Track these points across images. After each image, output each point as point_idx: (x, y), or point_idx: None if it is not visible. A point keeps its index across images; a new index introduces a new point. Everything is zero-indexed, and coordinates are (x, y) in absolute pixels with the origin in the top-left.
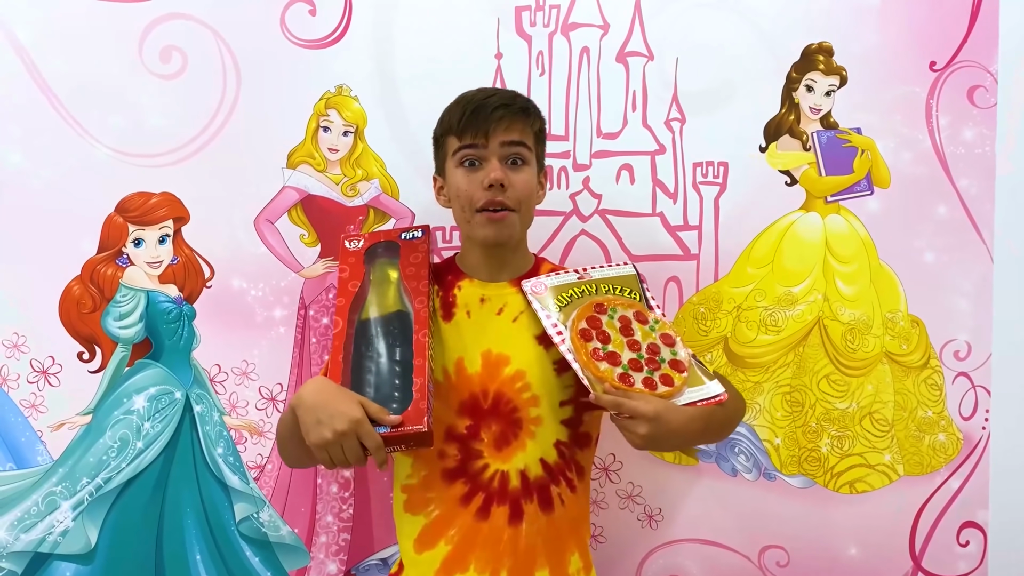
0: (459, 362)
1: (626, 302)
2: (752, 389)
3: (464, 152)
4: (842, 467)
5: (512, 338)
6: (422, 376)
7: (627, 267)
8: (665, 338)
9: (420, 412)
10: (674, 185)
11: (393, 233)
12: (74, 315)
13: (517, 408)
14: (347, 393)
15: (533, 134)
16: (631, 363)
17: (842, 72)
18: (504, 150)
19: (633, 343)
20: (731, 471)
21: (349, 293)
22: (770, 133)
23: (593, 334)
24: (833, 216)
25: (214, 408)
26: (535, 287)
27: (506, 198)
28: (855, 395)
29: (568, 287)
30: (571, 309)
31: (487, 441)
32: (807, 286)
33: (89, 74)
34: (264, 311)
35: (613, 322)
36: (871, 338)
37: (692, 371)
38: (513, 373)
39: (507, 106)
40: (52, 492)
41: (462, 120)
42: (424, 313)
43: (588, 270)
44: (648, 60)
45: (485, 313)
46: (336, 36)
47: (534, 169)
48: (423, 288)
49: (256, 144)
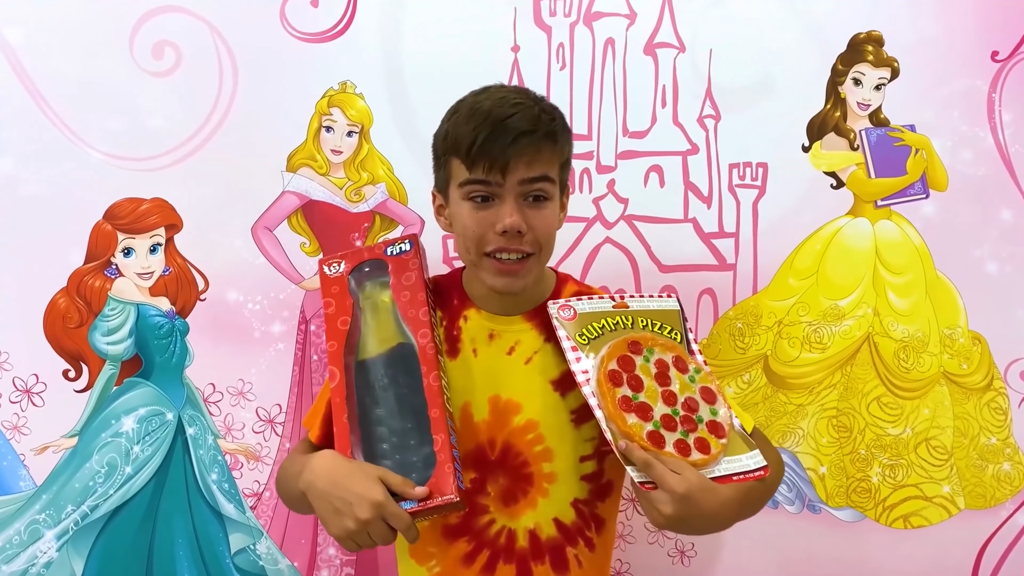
0: (465, 408)
1: (666, 343)
2: (795, 412)
3: (473, 188)
4: (895, 499)
5: (524, 383)
6: (443, 431)
7: (670, 301)
8: (705, 393)
9: (447, 478)
10: (708, 188)
11: (377, 249)
12: (59, 330)
13: (527, 462)
14: (362, 469)
15: (560, 158)
16: (664, 420)
17: (893, 63)
18: (524, 188)
19: (669, 395)
20: (771, 503)
21: (340, 333)
22: (814, 131)
23: (624, 378)
24: (884, 222)
25: (208, 431)
26: (563, 311)
27: (523, 244)
28: (909, 420)
29: (601, 316)
30: (602, 343)
31: (494, 495)
32: (855, 299)
33: (76, 72)
34: (262, 326)
35: (648, 366)
36: (927, 356)
37: (732, 437)
38: (524, 423)
39: (531, 133)
40: (35, 520)
41: (474, 147)
42: (431, 350)
43: (627, 297)
44: (679, 52)
45: (494, 352)
46: (340, 29)
47: (557, 201)
48: (424, 317)
49: (254, 146)
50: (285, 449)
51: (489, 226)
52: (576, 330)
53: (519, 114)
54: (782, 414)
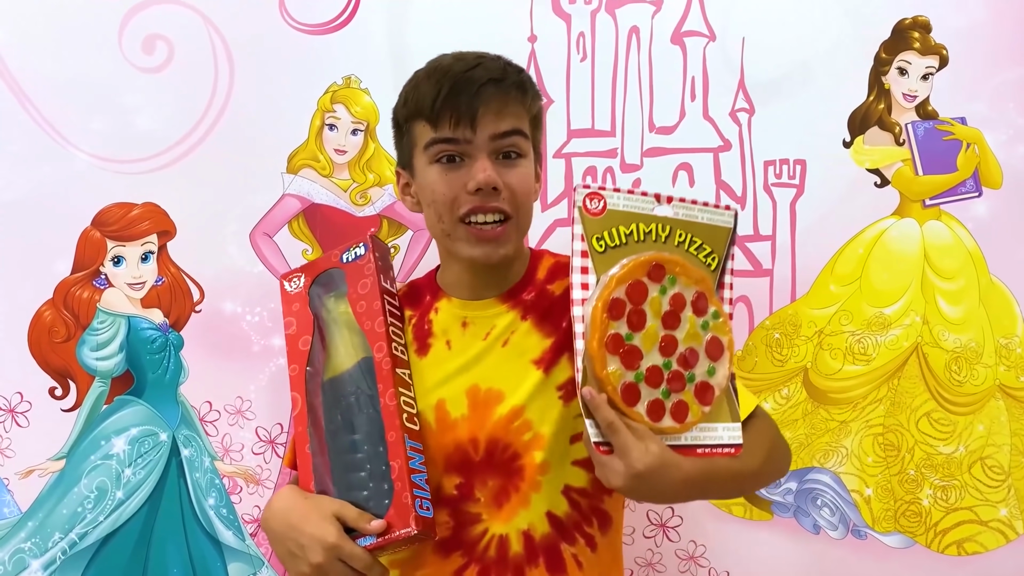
0: (440, 406)
1: (694, 273)
2: (837, 430)
3: (441, 147)
4: (948, 524)
5: (503, 367)
6: (399, 456)
7: (726, 215)
8: (712, 346)
9: (405, 509)
10: (742, 188)
11: (332, 257)
12: (45, 345)
13: (518, 454)
14: (318, 507)
15: (530, 118)
16: (649, 372)
17: (942, 51)
18: (496, 143)
19: (669, 342)
20: (813, 527)
21: (300, 355)
22: (856, 125)
23: (626, 311)
24: (933, 223)
25: (204, 452)
26: (591, 201)
27: (501, 201)
28: (963, 437)
29: (634, 219)
30: (619, 256)
31: (484, 501)
32: (902, 307)
33: (61, 68)
34: (262, 339)
35: (662, 300)
36: (981, 368)
37: (719, 403)
38: (508, 412)
39: (498, 81)
40: (20, 549)
41: (437, 101)
42: (387, 363)
43: (674, 201)
44: (709, 40)
45: (468, 340)
46: (343, 20)
47: (532, 161)
48: (379, 328)
49: (252, 146)
50: (287, 472)
51: (461, 186)
52: (596, 231)
53: (482, 65)
54: (824, 431)
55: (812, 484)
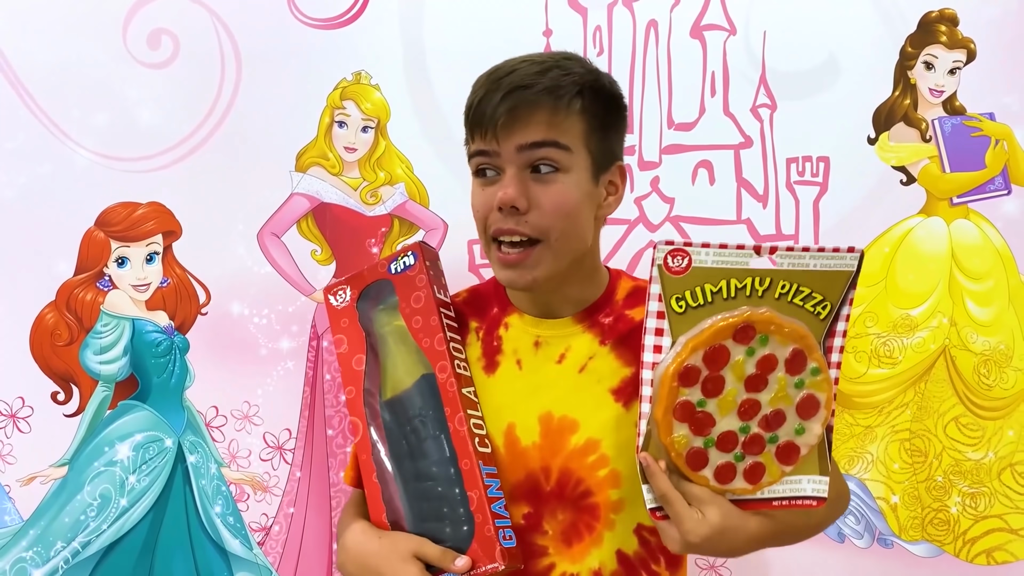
0: (509, 430)
1: (793, 331)
2: (863, 435)
3: (478, 160)
4: (977, 532)
5: (579, 394)
6: (476, 486)
7: (847, 258)
8: (806, 403)
9: (489, 543)
10: (764, 186)
11: (379, 268)
12: (48, 348)
13: (590, 491)
14: (394, 547)
15: (580, 122)
16: (722, 437)
17: (969, 45)
18: (524, 156)
19: (750, 406)
20: (838, 536)
21: (356, 376)
22: (881, 121)
23: (701, 377)
24: (961, 222)
25: (211, 459)
26: (674, 259)
27: (521, 225)
28: (992, 442)
29: (726, 274)
30: (701, 316)
31: (552, 534)
32: (929, 308)
33: (64, 63)
34: (269, 342)
35: (746, 364)
36: (1011, 372)
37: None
38: (583, 444)
39: (525, 87)
40: (22, 558)
41: (471, 110)
42: (452, 385)
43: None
44: (730, 34)
45: (541, 361)
46: (354, 13)
47: (581, 173)
48: (440, 346)
49: (259, 144)
50: (295, 479)
51: (491, 203)
52: (677, 291)
53: (521, 70)
54: (848, 437)
55: None
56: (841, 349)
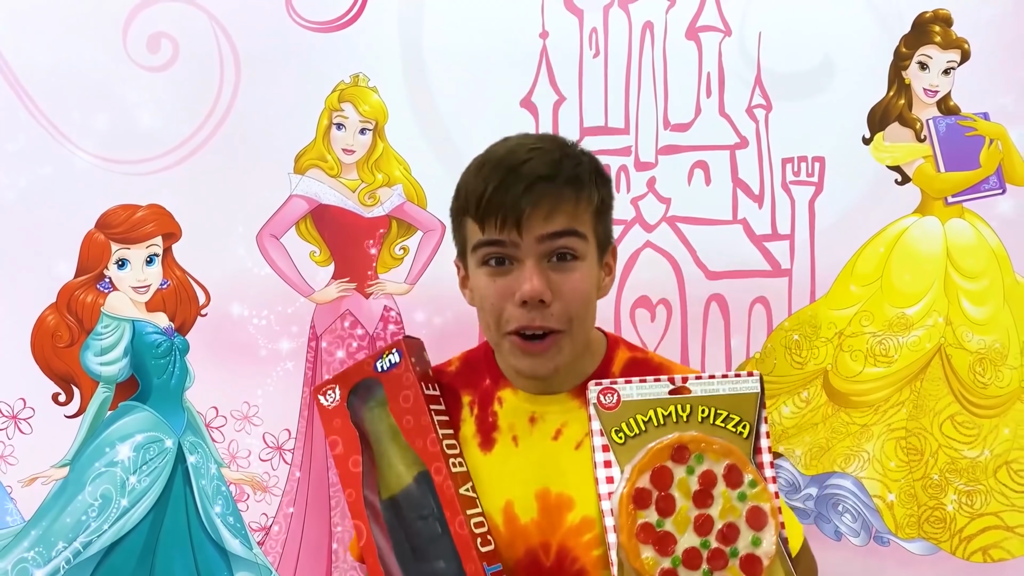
0: (508, 508)
1: (723, 447)
2: (859, 434)
3: (487, 250)
4: (973, 529)
5: (576, 473)
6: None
7: (749, 382)
8: (753, 516)
9: None
10: (759, 186)
11: (365, 367)
12: (48, 350)
13: (585, 570)
14: None
15: (592, 213)
16: (687, 554)
17: (963, 45)
18: (546, 246)
19: (704, 521)
20: (834, 534)
21: (354, 477)
22: (876, 121)
23: (653, 498)
24: (956, 221)
25: (211, 459)
26: (605, 396)
27: (547, 319)
28: (987, 440)
29: (651, 406)
30: (640, 444)
31: None
32: (925, 307)
33: (64, 66)
34: (269, 343)
35: (690, 481)
36: (1006, 370)
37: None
38: (579, 522)
39: (549, 179)
40: (23, 559)
41: (483, 200)
42: (448, 487)
43: (691, 380)
44: (725, 35)
45: (537, 438)
46: (352, 16)
47: (593, 260)
48: (433, 447)
49: (258, 146)
50: (295, 479)
51: (508, 295)
52: (614, 424)
53: (535, 159)
54: (844, 435)
55: (833, 489)
56: (772, 464)
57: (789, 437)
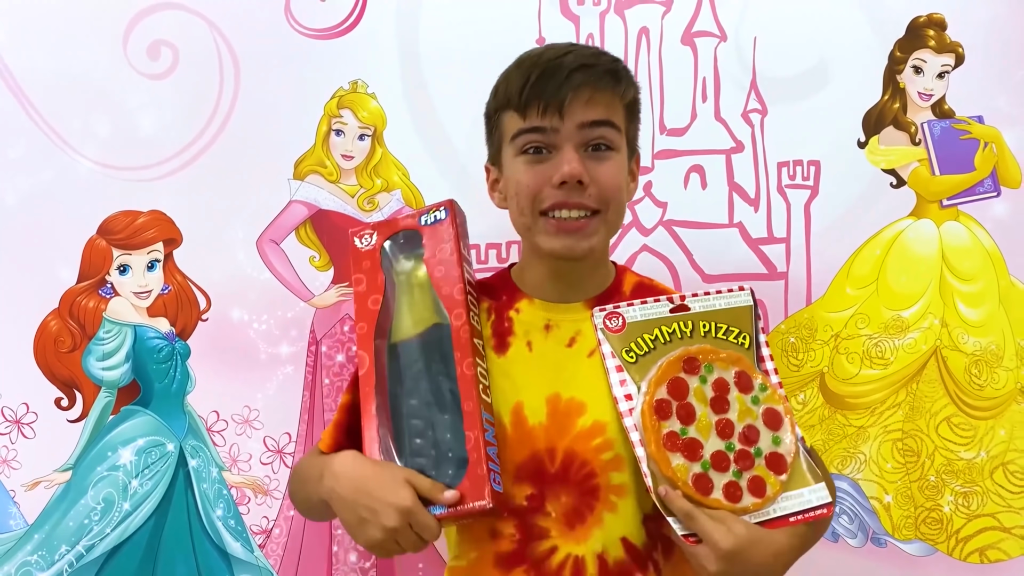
0: (517, 409)
1: (730, 355)
2: (855, 435)
3: (528, 137)
4: (970, 531)
5: (588, 379)
6: (476, 427)
7: (742, 295)
8: (769, 417)
9: (481, 481)
10: (755, 189)
11: (411, 219)
12: (51, 355)
13: (594, 472)
14: (389, 471)
15: (624, 107)
16: (715, 458)
17: (957, 48)
18: (584, 133)
19: (725, 425)
20: (831, 535)
21: (370, 314)
22: (871, 125)
23: (673, 408)
24: (951, 224)
25: (212, 463)
26: (610, 320)
27: (586, 198)
28: (983, 442)
29: (655, 324)
30: (651, 362)
31: (555, 516)
32: (920, 309)
33: (66, 74)
34: (269, 347)
35: (704, 389)
36: (1002, 372)
37: (795, 467)
38: (590, 426)
39: (589, 67)
40: (27, 562)
41: (525, 89)
42: (465, 331)
43: (688, 298)
44: (720, 40)
45: (551, 344)
46: (350, 24)
47: (624, 155)
48: (459, 295)
49: (258, 152)
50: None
51: (546, 179)
52: (623, 345)
53: (574, 53)
54: (841, 437)
55: None
56: (776, 371)
57: None
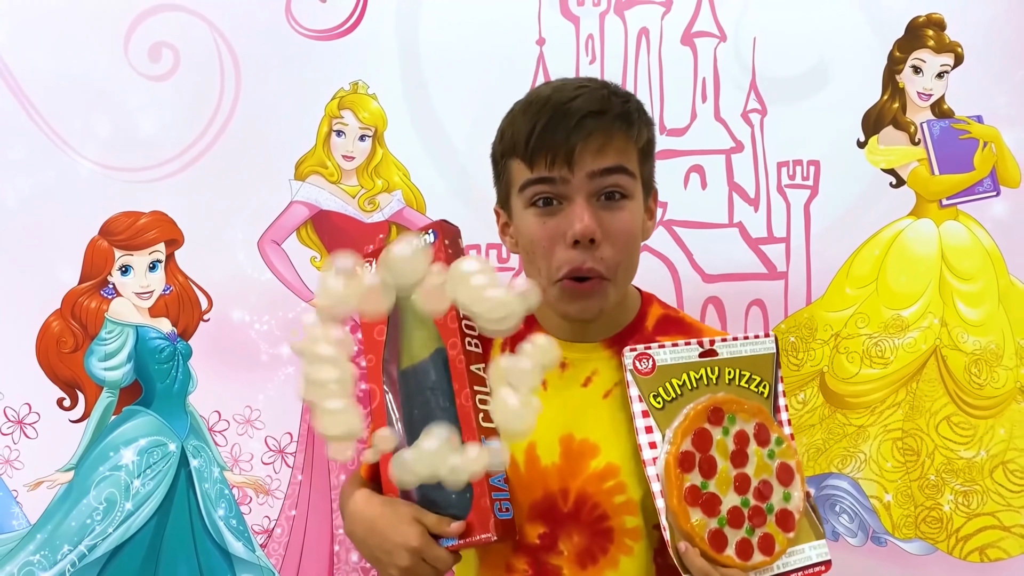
0: (530, 450)
1: (752, 407)
2: (855, 435)
3: (537, 188)
4: (970, 529)
5: (602, 420)
6: None
7: (766, 343)
8: (783, 473)
9: (484, 513)
10: (755, 189)
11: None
12: (53, 355)
13: (607, 515)
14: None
15: (638, 151)
16: (731, 514)
17: (957, 49)
18: (596, 183)
19: (742, 480)
20: (832, 535)
21: (376, 345)
22: (870, 125)
23: (697, 461)
24: (950, 223)
25: (214, 462)
26: (640, 362)
27: (598, 262)
28: (983, 441)
29: (683, 369)
30: (678, 408)
31: (568, 555)
32: (920, 309)
33: (68, 75)
34: (270, 348)
35: (727, 442)
36: (1002, 371)
37: (800, 525)
38: (602, 468)
39: (599, 114)
40: (29, 562)
41: (532, 137)
42: (460, 361)
43: (717, 343)
44: (720, 41)
45: (566, 384)
46: (351, 25)
47: (639, 200)
48: (452, 323)
49: (259, 153)
50: (297, 482)
51: (559, 236)
52: (651, 389)
53: (583, 96)
54: (841, 436)
55: (830, 490)
56: (789, 422)
57: None
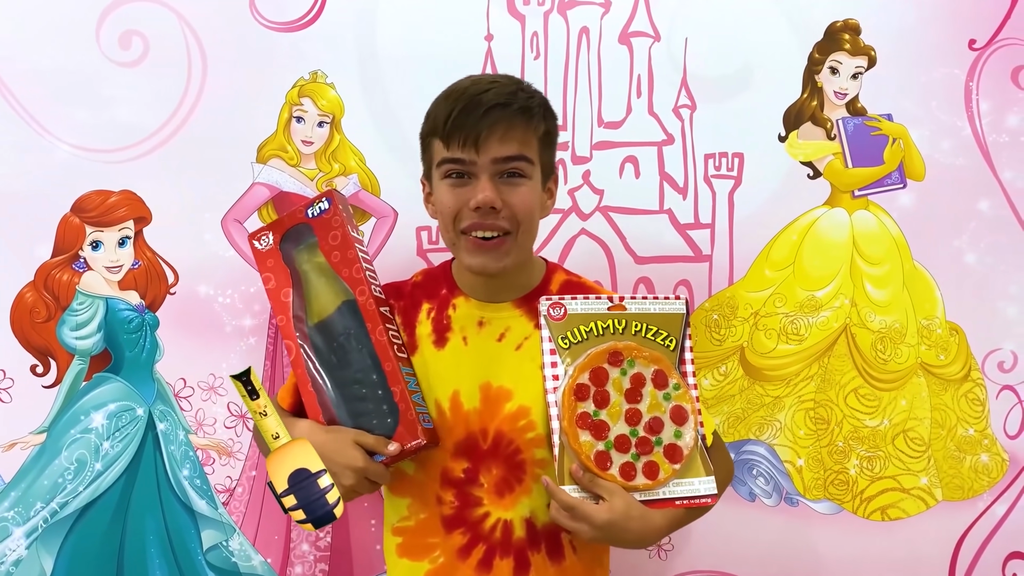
0: (454, 396)
1: (652, 355)
2: (772, 405)
3: (450, 166)
4: (873, 491)
5: (514, 369)
6: (398, 382)
7: (677, 304)
8: (676, 413)
9: (411, 424)
10: (684, 179)
11: (297, 214)
12: (27, 325)
13: (520, 449)
14: (339, 437)
15: (538, 140)
16: (618, 440)
17: (870, 52)
18: (499, 166)
19: (633, 413)
20: (748, 495)
21: (284, 306)
22: (790, 121)
23: (591, 392)
24: (861, 212)
25: (179, 426)
26: (554, 309)
27: (500, 220)
28: (887, 411)
29: (592, 318)
30: (583, 349)
31: (487, 486)
32: (832, 290)
33: (42, 62)
34: (233, 320)
35: (623, 380)
36: (904, 348)
37: (691, 460)
38: (515, 410)
39: (504, 106)
40: (4, 518)
41: (448, 121)
42: (371, 304)
43: (627, 299)
44: (654, 41)
45: (484, 339)
46: (311, 17)
47: (537, 181)
48: (358, 274)
49: (223, 137)
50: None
51: (464, 202)
52: (561, 332)
53: (494, 90)
54: (759, 406)
55: (748, 455)
56: (694, 374)
57: (709, 407)
